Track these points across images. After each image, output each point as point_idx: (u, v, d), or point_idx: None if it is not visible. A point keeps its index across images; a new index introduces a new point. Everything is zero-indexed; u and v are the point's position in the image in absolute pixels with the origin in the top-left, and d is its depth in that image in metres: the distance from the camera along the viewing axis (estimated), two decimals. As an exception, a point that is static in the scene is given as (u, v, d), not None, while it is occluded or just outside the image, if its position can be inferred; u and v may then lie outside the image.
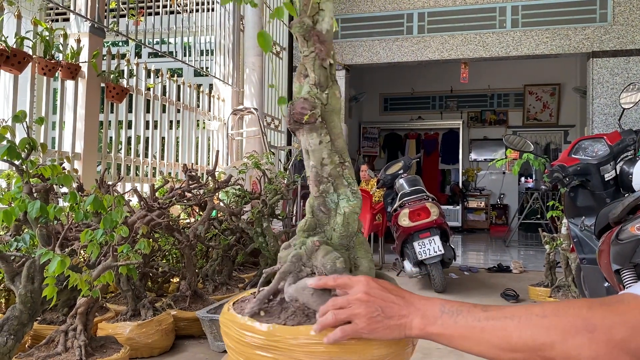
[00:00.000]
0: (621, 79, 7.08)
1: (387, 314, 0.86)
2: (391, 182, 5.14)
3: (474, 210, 11.60)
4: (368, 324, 0.85)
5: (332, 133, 1.07)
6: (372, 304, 0.86)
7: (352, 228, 1.07)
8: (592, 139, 2.81)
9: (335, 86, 1.08)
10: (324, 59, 1.05)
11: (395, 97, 12.68)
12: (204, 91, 6.36)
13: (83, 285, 1.53)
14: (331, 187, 1.07)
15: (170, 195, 2.72)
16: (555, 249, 4.08)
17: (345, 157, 1.09)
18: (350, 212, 1.06)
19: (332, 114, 1.07)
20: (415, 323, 0.85)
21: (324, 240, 1.06)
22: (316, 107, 1.04)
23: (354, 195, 1.07)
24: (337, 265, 1.00)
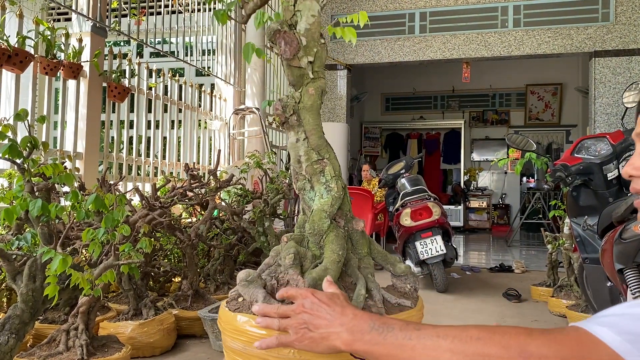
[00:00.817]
0: (623, 79, 7.07)
1: (314, 327, 0.85)
2: (393, 181, 5.14)
3: (475, 210, 11.58)
4: (295, 336, 0.86)
5: (305, 130, 1.08)
6: (300, 316, 0.87)
7: (319, 226, 1.07)
8: (594, 138, 2.80)
9: (313, 84, 1.09)
10: (289, 59, 1.06)
11: (397, 96, 12.67)
12: (206, 91, 6.36)
13: (85, 284, 1.53)
14: (308, 185, 1.08)
15: (172, 194, 2.72)
16: (558, 248, 4.07)
17: (324, 153, 1.09)
18: (318, 210, 1.07)
19: (305, 112, 1.08)
20: (342, 338, 0.83)
21: (298, 237, 1.07)
22: (287, 107, 1.05)
23: (327, 192, 1.07)
24: (285, 260, 1.03)
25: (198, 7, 6.26)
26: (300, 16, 1.05)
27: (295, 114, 1.08)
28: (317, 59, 1.10)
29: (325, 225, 1.08)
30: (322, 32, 1.11)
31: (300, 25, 1.05)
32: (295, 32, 1.05)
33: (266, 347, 0.89)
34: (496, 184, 12.19)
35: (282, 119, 1.07)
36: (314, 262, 1.07)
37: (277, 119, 1.07)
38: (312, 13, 1.06)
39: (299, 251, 1.05)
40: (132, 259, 1.81)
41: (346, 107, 8.36)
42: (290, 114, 1.07)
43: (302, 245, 1.09)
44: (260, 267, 1.08)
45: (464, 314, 3.85)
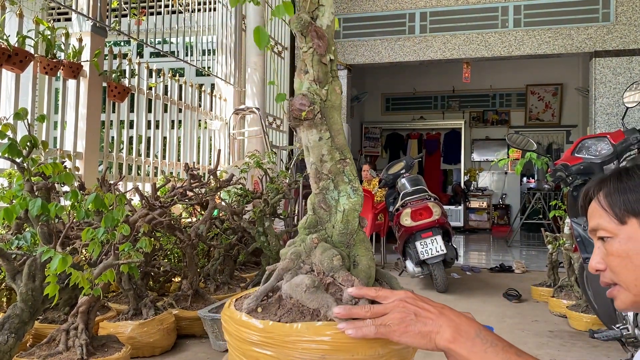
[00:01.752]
0: (624, 79, 7.06)
1: (420, 320, 0.84)
2: (393, 181, 5.13)
3: (475, 211, 11.57)
4: (399, 327, 0.84)
5: (332, 129, 1.06)
6: (407, 309, 0.85)
7: (352, 225, 1.06)
8: (595, 138, 2.80)
9: (335, 82, 1.07)
10: (323, 54, 1.04)
11: (397, 97, 12.66)
12: (206, 91, 6.35)
13: (85, 284, 1.52)
14: (331, 184, 1.06)
15: (172, 194, 2.71)
16: (558, 248, 4.07)
17: (347, 153, 1.08)
18: (350, 209, 1.05)
19: (332, 110, 1.06)
20: (446, 334, 0.82)
21: (323, 237, 1.05)
22: (315, 103, 1.03)
23: (354, 192, 1.06)
24: (334, 262, 0.99)
25: (198, 7, 6.26)
26: (323, 12, 1.03)
27: (320, 112, 1.07)
28: (335, 58, 1.09)
29: (356, 225, 1.07)
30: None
31: (322, 21, 1.04)
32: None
33: (362, 336, 0.85)
34: (496, 184, 12.19)
35: (310, 115, 1.05)
36: (349, 261, 1.06)
37: (304, 115, 1.04)
38: (332, 10, 1.05)
39: (339, 252, 1.04)
40: (131, 259, 1.80)
41: (346, 107, 8.35)
42: (318, 111, 1.06)
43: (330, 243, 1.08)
44: (277, 272, 1.05)
45: (464, 314, 3.84)
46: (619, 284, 0.90)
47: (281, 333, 0.91)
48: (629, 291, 0.89)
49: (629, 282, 0.88)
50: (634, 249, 0.87)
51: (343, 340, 0.87)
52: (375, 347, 0.90)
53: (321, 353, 0.89)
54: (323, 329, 0.90)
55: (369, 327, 0.85)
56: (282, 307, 0.98)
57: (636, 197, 0.87)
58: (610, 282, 0.92)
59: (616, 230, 0.89)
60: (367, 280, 1.03)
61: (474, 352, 0.80)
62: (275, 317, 0.95)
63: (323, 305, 0.94)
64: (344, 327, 0.87)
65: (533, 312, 3.88)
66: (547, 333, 3.31)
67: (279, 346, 0.91)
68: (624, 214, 0.88)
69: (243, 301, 1.07)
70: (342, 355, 0.89)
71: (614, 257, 0.89)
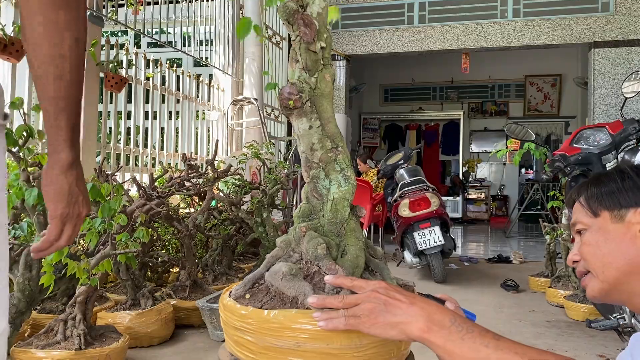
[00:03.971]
0: (623, 70, 7.04)
1: (390, 310, 0.83)
2: (391, 172, 5.13)
3: (474, 202, 11.59)
4: (369, 318, 0.83)
5: (322, 118, 1.06)
6: (377, 299, 0.84)
7: (342, 214, 1.06)
8: (593, 128, 2.79)
9: (326, 69, 1.07)
10: (310, 42, 1.04)
11: (396, 87, 12.63)
12: (204, 81, 6.33)
13: (81, 274, 1.52)
14: (322, 173, 1.06)
15: (169, 184, 2.71)
16: (556, 239, 4.07)
17: (338, 142, 1.08)
18: (340, 199, 1.05)
19: (322, 98, 1.06)
20: (418, 324, 0.81)
21: (313, 226, 1.05)
22: (303, 92, 1.03)
23: (345, 180, 1.06)
24: (318, 251, 1.00)
25: (196, -4, 6.22)
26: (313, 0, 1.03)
27: (310, 100, 1.07)
28: (327, 46, 1.09)
29: (347, 214, 1.07)
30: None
31: (313, 9, 1.03)
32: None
33: (333, 328, 0.84)
34: (495, 175, 12.19)
35: (298, 104, 1.05)
36: (338, 250, 1.06)
37: (291, 103, 1.05)
38: (323, -3, 1.04)
39: (325, 241, 1.03)
40: (129, 249, 1.80)
41: (345, 98, 8.33)
42: (307, 100, 1.06)
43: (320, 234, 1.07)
44: (267, 260, 1.05)
45: (462, 304, 3.79)
46: (590, 273, 0.96)
47: (259, 319, 0.92)
48: (597, 278, 0.93)
49: (597, 268, 0.93)
50: (602, 238, 0.93)
51: (318, 329, 0.87)
52: (352, 338, 0.89)
53: (296, 341, 0.89)
54: (297, 316, 0.90)
55: (339, 319, 0.84)
56: (268, 295, 0.99)
57: (608, 190, 0.94)
58: (583, 271, 0.97)
59: (590, 223, 0.95)
60: (352, 270, 1.02)
61: (450, 341, 0.79)
62: (258, 304, 0.96)
63: (300, 293, 0.95)
64: (317, 317, 0.86)
65: (530, 302, 3.89)
66: (545, 323, 3.32)
67: (257, 332, 0.92)
68: (597, 207, 0.95)
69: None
70: (317, 344, 0.88)
71: (586, 246, 0.95)
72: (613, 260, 0.91)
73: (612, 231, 0.92)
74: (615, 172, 0.97)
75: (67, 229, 0.95)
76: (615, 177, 0.95)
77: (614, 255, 0.91)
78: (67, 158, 0.93)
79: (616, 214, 0.92)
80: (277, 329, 0.90)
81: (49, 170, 0.94)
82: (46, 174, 0.94)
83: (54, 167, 0.93)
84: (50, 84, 0.88)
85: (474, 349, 0.78)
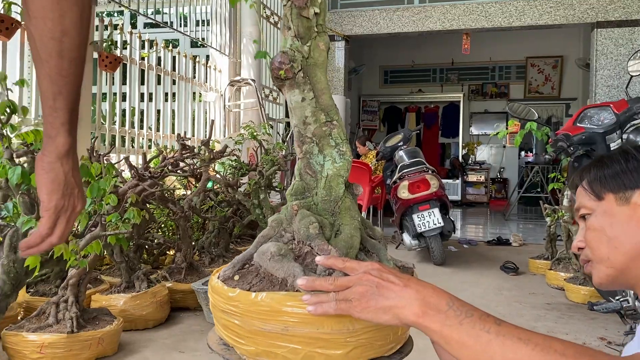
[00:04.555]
0: (625, 50, 6.94)
1: (382, 293, 0.77)
2: (391, 154, 5.07)
3: (473, 184, 11.54)
4: (360, 302, 0.77)
5: (315, 89, 0.99)
6: (370, 281, 0.78)
7: (336, 192, 1.00)
8: (598, 107, 2.73)
9: (320, 37, 1.00)
10: (302, 7, 0.96)
11: (396, 69, 12.50)
12: (200, 62, 6.23)
13: (68, 255, 1.47)
14: (315, 148, 1.00)
15: (163, 164, 2.65)
16: (557, 221, 4.03)
17: (333, 114, 1.01)
18: (334, 175, 0.99)
19: (315, 68, 0.99)
20: (413, 308, 0.75)
21: (307, 205, 0.99)
22: (295, 61, 0.96)
23: (341, 156, 1.00)
24: (310, 230, 0.94)
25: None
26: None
27: (302, 70, 1.00)
28: (322, 12, 1.01)
29: (342, 191, 1.00)
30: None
31: None
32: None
33: (322, 312, 0.79)
34: (494, 157, 12.13)
35: (290, 74, 0.98)
36: (332, 229, 0.99)
37: (282, 74, 0.98)
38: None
39: (317, 219, 0.97)
40: (119, 230, 1.75)
41: (344, 79, 8.22)
42: (299, 70, 0.99)
43: (314, 212, 1.01)
44: (257, 239, 1.00)
45: (461, 286, 3.82)
46: (593, 260, 0.92)
47: (246, 302, 0.87)
48: (602, 264, 0.90)
49: (602, 254, 0.90)
50: (608, 222, 0.90)
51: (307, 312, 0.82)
52: (344, 322, 0.83)
53: (284, 325, 0.84)
54: (286, 299, 0.84)
55: (329, 303, 0.79)
56: (258, 276, 0.94)
57: (611, 172, 0.91)
58: (587, 259, 0.94)
59: (594, 206, 0.92)
60: (347, 250, 0.96)
61: (447, 326, 0.73)
62: (247, 286, 0.91)
63: (290, 275, 0.89)
64: (306, 300, 0.81)
65: (530, 284, 3.86)
66: (545, 306, 3.29)
67: (245, 315, 0.87)
68: (601, 190, 0.91)
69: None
70: (307, 329, 0.83)
71: (591, 232, 0.92)
72: (619, 244, 0.88)
73: (618, 214, 0.89)
74: (618, 153, 0.94)
75: (61, 224, 0.87)
76: (618, 158, 0.92)
77: (620, 239, 0.88)
78: (64, 144, 0.85)
79: (621, 196, 0.89)
80: (265, 312, 0.85)
81: (43, 157, 0.85)
82: (40, 161, 0.86)
83: (49, 154, 0.85)
84: (51, 61, 0.81)
85: (473, 335, 0.71)
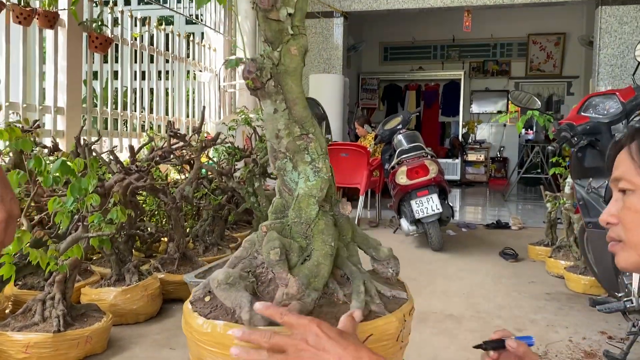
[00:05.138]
0: (630, 28, 6.78)
1: None
2: (389, 137, 4.97)
3: (473, 164, 11.46)
4: None
5: (287, 99, 0.90)
6: (304, 351, 0.73)
7: (307, 213, 0.92)
8: (603, 96, 2.62)
9: (293, 42, 0.90)
10: (268, 9, 0.86)
11: (396, 46, 12.29)
12: (194, 40, 6.07)
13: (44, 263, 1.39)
14: (289, 164, 0.92)
15: (151, 156, 2.55)
16: (558, 208, 3.96)
17: (309, 126, 0.92)
18: (304, 195, 0.91)
19: (286, 76, 0.90)
20: None
21: (277, 226, 0.92)
22: (263, 69, 0.87)
23: (315, 174, 0.91)
24: (270, 256, 0.87)
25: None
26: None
27: (273, 79, 0.90)
28: (297, 11, 0.91)
29: (314, 213, 0.92)
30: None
31: None
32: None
33: None
34: (495, 136, 12.02)
35: (257, 84, 0.89)
36: (301, 255, 0.91)
37: (250, 84, 0.89)
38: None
39: (284, 243, 0.90)
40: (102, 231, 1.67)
41: (342, 57, 8.06)
42: (267, 79, 0.89)
43: (283, 235, 0.93)
44: (231, 260, 0.92)
45: (460, 273, 3.77)
46: (624, 242, 0.81)
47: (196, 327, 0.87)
48: (635, 250, 0.80)
49: (637, 240, 0.79)
50: None
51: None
52: None
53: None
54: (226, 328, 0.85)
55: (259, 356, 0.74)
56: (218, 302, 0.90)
57: None
58: (616, 237, 0.83)
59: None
60: (310, 280, 0.88)
61: None
62: (207, 310, 0.86)
63: (237, 305, 0.84)
64: (235, 355, 0.76)
65: (530, 272, 3.80)
66: (544, 296, 3.23)
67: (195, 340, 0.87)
68: None
69: None
70: None
71: (630, 212, 0.80)
72: None
73: None
74: None
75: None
76: None
77: None
78: None
79: None
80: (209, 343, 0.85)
81: None
82: None
83: None
84: None
85: None
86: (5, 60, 3.65)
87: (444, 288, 3.38)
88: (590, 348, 2.41)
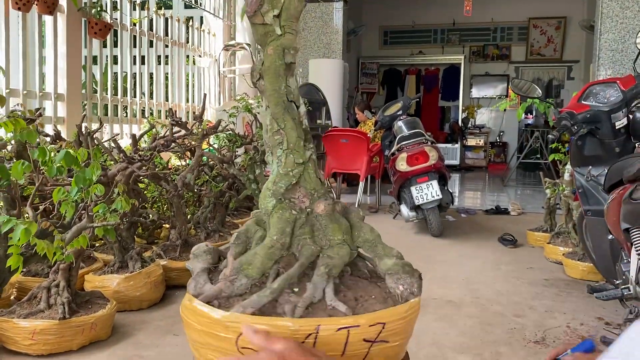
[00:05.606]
0: (631, 13, 6.73)
1: None
2: (389, 123, 4.97)
3: (472, 149, 11.47)
4: None
5: (265, 96, 0.98)
6: None
7: (265, 205, 0.99)
8: (604, 84, 2.63)
9: (275, 42, 0.93)
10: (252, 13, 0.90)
11: (396, 30, 12.22)
12: (194, 25, 6.04)
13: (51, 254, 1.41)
14: (270, 157, 0.99)
15: (153, 145, 2.56)
16: (557, 194, 3.98)
17: (281, 122, 0.97)
18: (264, 187, 0.99)
19: (265, 75, 0.96)
20: None
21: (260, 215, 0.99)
22: (254, 70, 0.93)
23: (278, 167, 0.98)
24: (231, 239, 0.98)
25: None
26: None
27: (262, 78, 0.96)
28: (284, 11, 0.93)
29: (270, 205, 0.96)
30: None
31: None
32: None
33: None
34: (494, 121, 12.01)
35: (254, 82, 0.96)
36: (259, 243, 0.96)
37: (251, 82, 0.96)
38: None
39: (248, 229, 0.96)
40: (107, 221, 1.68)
41: (342, 42, 8.02)
42: (257, 78, 0.95)
43: (261, 225, 0.99)
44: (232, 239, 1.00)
45: (459, 259, 3.81)
46: None
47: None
48: None
49: None
50: None
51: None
52: None
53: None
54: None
55: None
56: None
57: None
58: None
59: None
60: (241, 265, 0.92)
61: None
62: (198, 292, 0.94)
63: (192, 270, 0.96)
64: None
65: (528, 258, 3.84)
66: (542, 282, 3.27)
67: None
68: None
69: None
70: None
71: None
72: None
73: None
74: None
75: None
76: None
77: None
78: None
79: None
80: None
81: None
82: None
83: None
84: None
85: None
86: (5, 46, 3.64)
87: (443, 274, 3.41)
88: (588, 334, 2.44)
